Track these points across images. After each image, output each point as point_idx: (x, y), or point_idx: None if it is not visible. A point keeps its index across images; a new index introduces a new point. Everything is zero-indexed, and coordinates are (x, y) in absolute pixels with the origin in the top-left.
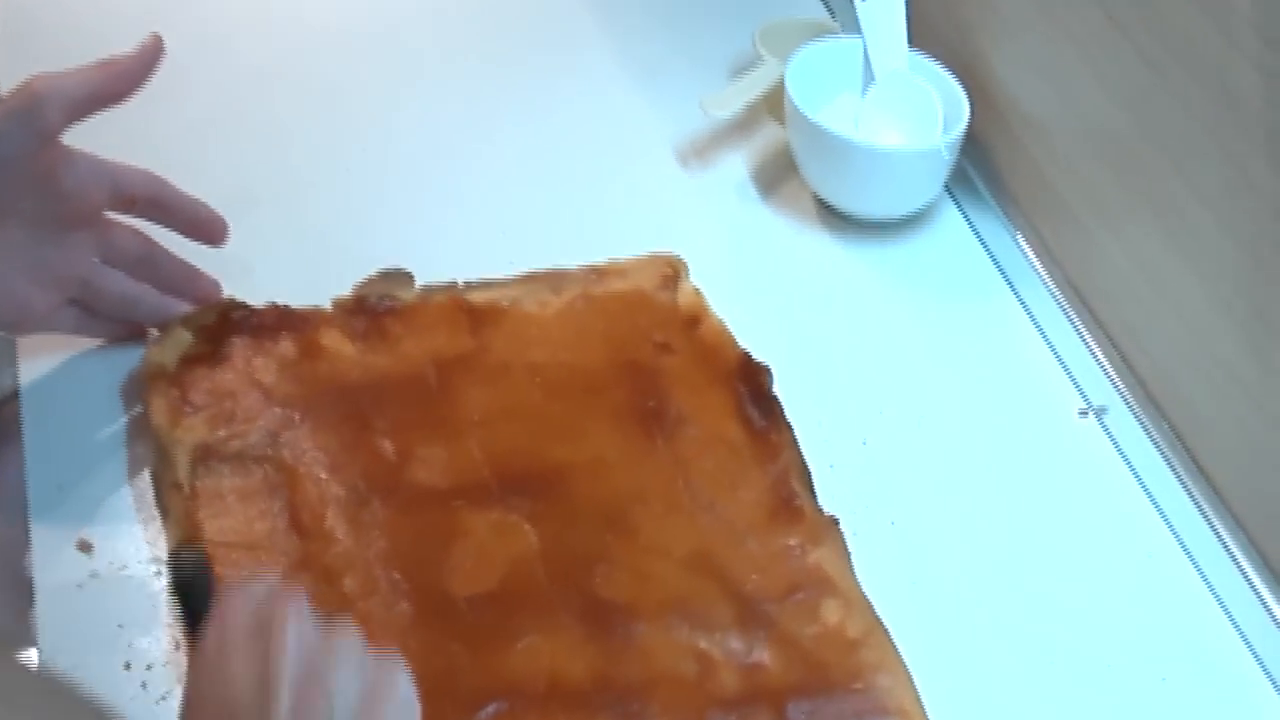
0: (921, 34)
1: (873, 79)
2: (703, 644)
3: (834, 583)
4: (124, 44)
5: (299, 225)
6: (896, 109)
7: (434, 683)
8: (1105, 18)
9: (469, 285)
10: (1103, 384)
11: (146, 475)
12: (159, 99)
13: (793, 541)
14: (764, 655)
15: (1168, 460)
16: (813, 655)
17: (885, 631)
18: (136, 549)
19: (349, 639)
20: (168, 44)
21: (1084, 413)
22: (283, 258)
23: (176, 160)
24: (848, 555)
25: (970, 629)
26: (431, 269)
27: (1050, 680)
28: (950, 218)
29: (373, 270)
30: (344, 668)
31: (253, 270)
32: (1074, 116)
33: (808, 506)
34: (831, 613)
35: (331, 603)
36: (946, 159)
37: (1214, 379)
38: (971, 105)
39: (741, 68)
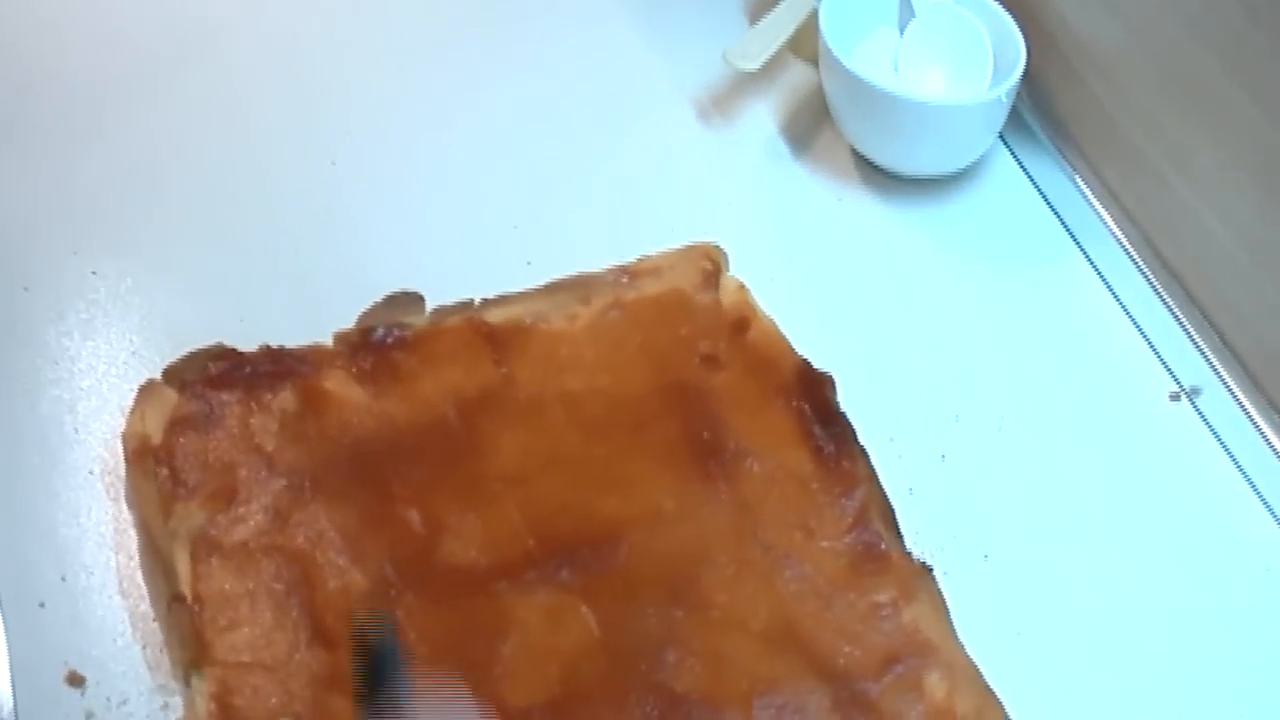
0: None
1: (912, 14)
2: None
3: (934, 647)
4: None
5: (286, 248)
6: (940, 47)
7: None
8: None
9: (486, 303)
10: (1194, 360)
11: (139, 579)
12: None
13: (883, 598)
14: None
15: (1270, 443)
16: None
17: (999, 705)
18: (137, 678)
19: None
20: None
21: (1176, 396)
22: (272, 290)
23: (143, 185)
24: (945, 609)
25: (1088, 685)
26: (442, 285)
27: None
28: (1007, 170)
29: (377, 295)
30: None
31: (240, 307)
32: (1146, 50)
33: (895, 552)
34: (936, 686)
35: None
36: (1003, 106)
37: None
38: (1027, 42)
39: (756, 5)
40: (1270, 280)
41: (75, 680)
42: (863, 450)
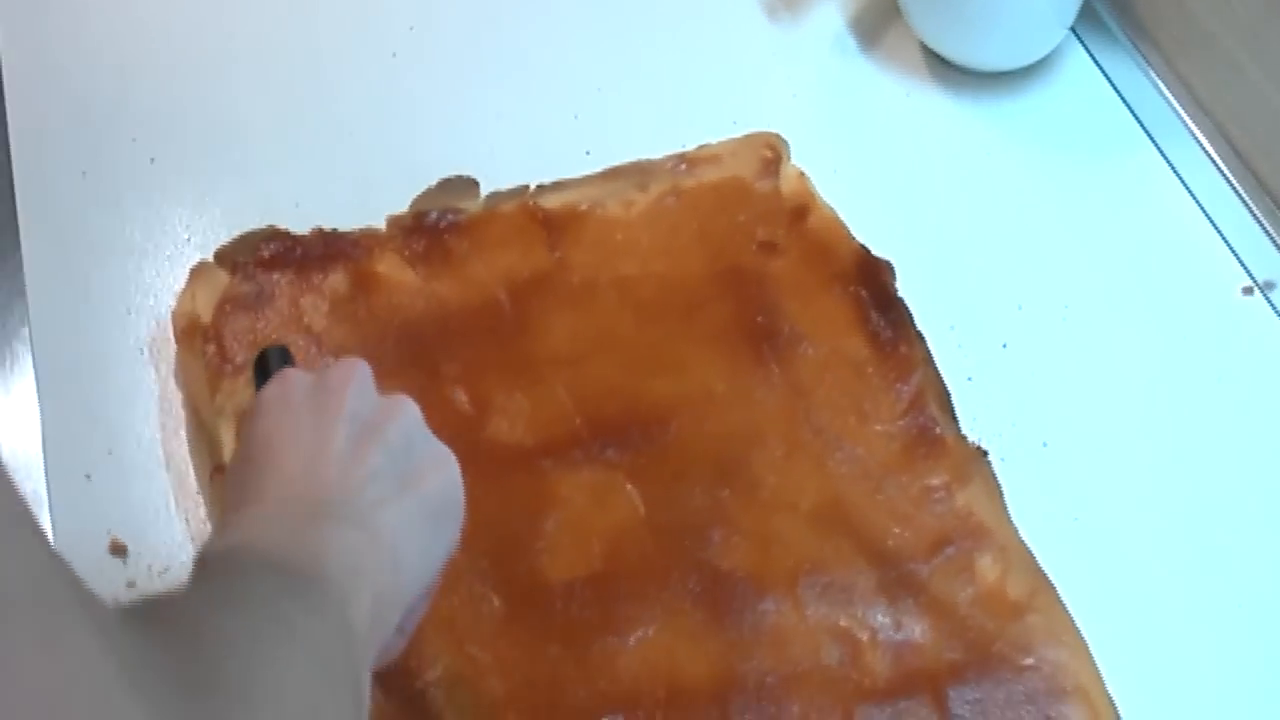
0: None
1: None
2: (843, 621)
3: (988, 530)
4: None
5: (343, 135)
6: None
7: (538, 696)
8: None
9: (541, 189)
10: (1270, 254)
11: (185, 453)
12: (186, 9)
13: (935, 481)
14: (916, 629)
15: None
16: (972, 625)
17: (1052, 588)
18: (179, 548)
19: (409, 408)
20: None
21: (1249, 290)
22: (327, 174)
23: (203, 76)
24: (1000, 493)
25: (1146, 573)
26: (498, 173)
27: (1241, 628)
28: (1078, 64)
29: (431, 181)
30: (399, 429)
31: (294, 191)
32: None
33: (950, 435)
34: (988, 568)
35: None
36: None
37: None
38: None
39: None
40: None
41: (118, 549)
42: (920, 336)
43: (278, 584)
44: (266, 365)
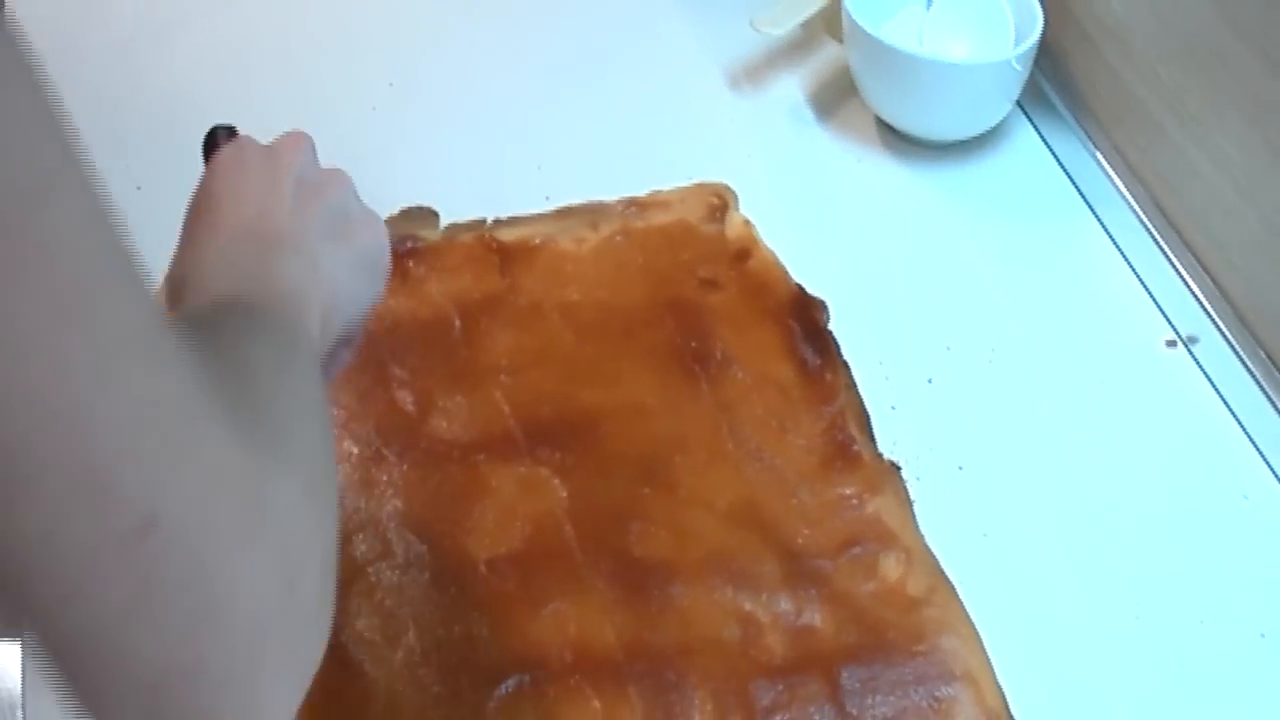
0: None
1: None
2: (747, 605)
3: (894, 535)
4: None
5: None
6: (964, 21)
7: (451, 654)
8: None
9: (498, 223)
10: (1192, 310)
11: None
12: (172, 31)
13: (849, 490)
14: (815, 616)
15: (1264, 390)
16: (870, 615)
17: (951, 588)
18: None
19: (346, 178)
20: None
21: (1172, 343)
22: None
23: (188, 97)
24: (909, 504)
25: (1046, 583)
26: (459, 206)
27: (1136, 638)
28: (1023, 136)
29: (395, 209)
30: (338, 191)
31: None
32: (1157, 18)
33: (866, 452)
34: (891, 568)
35: (342, 567)
36: (1019, 71)
37: None
38: (1045, 12)
39: None
40: (1266, 228)
41: None
42: (845, 365)
43: (264, 325)
44: (215, 142)
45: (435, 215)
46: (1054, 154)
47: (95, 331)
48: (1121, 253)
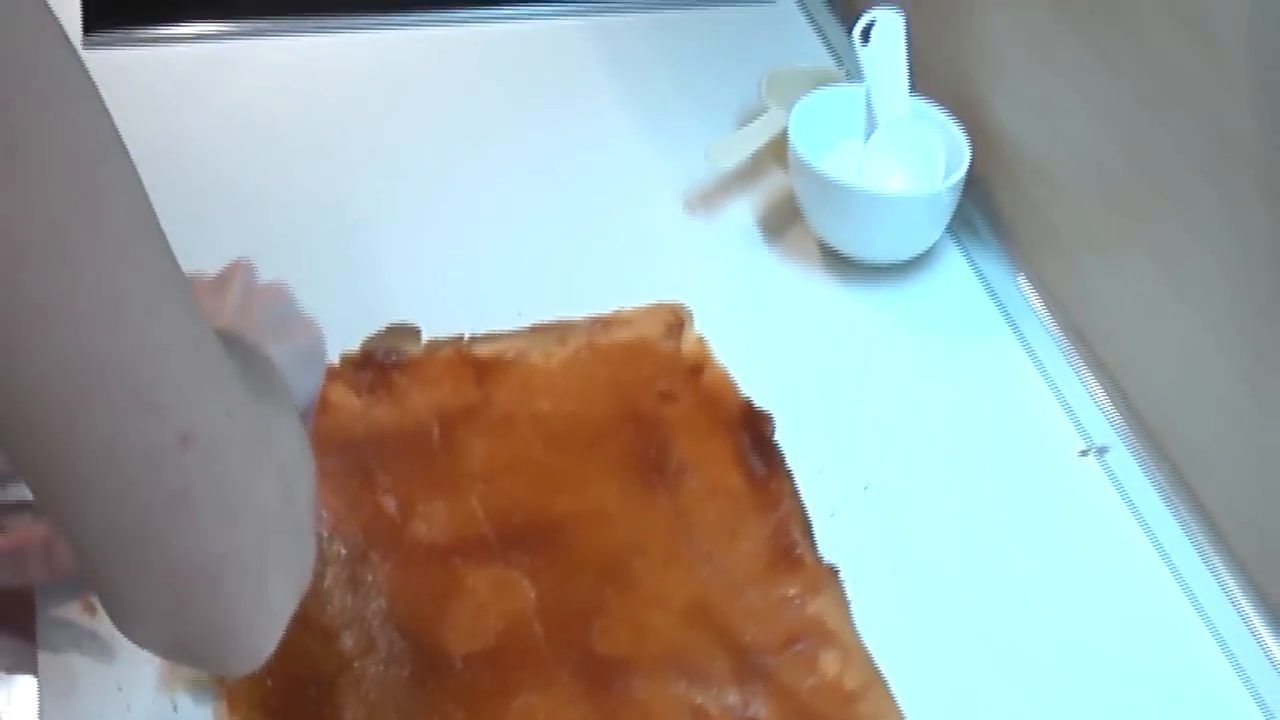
0: (923, 79)
1: (876, 125)
2: (699, 699)
3: (833, 633)
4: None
5: (307, 281)
6: (899, 154)
7: None
8: (1101, 59)
9: (474, 338)
10: (1103, 423)
11: None
12: (161, 157)
13: (792, 591)
14: (760, 709)
15: (1168, 500)
16: (810, 708)
17: (884, 682)
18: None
19: (285, 291)
20: (176, 106)
21: (1085, 452)
22: None
23: (183, 220)
24: (847, 605)
25: (971, 679)
26: (439, 323)
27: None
28: (953, 260)
29: (380, 326)
30: (277, 299)
31: None
32: (1072, 157)
33: (807, 556)
34: (830, 664)
35: (329, 661)
36: (948, 202)
37: (1213, 418)
38: (972, 148)
39: (748, 116)
40: (1170, 349)
41: (87, 608)
42: (790, 474)
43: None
44: None
45: (417, 331)
46: (980, 277)
47: (145, 269)
48: (1040, 368)
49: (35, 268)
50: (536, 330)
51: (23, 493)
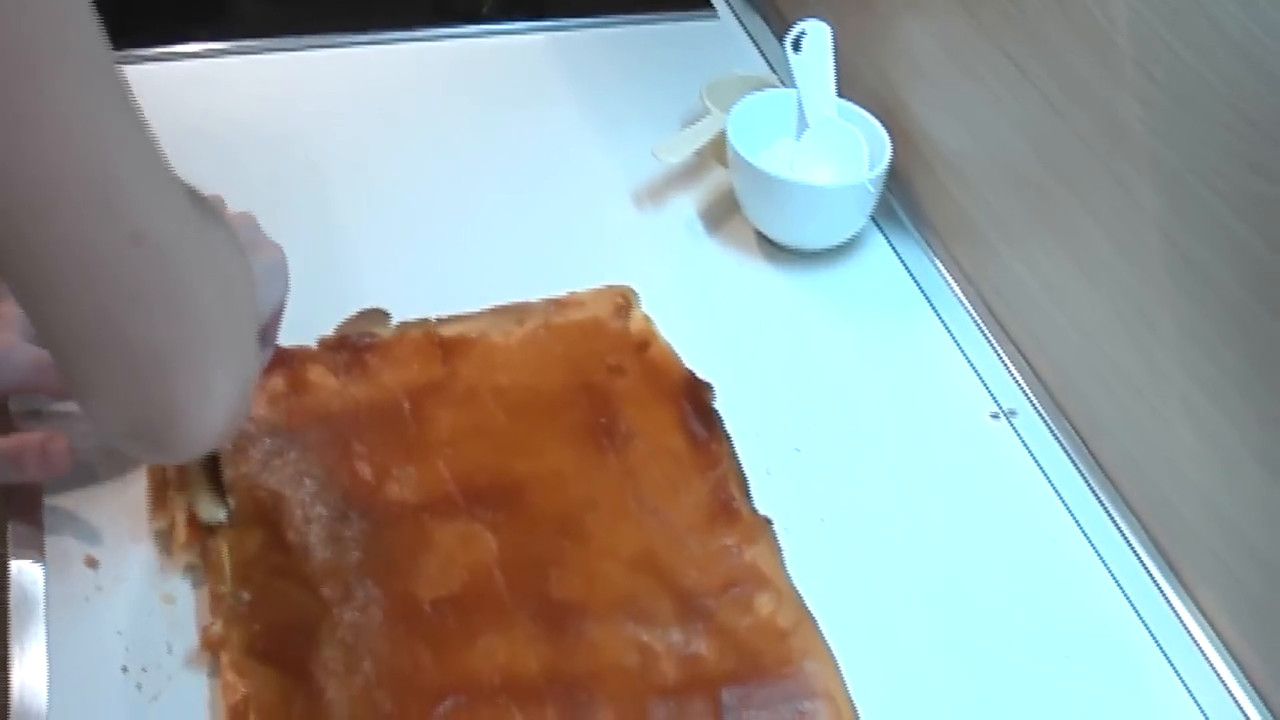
0: (849, 83)
1: (806, 125)
2: (645, 637)
3: (767, 577)
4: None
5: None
6: (828, 151)
7: (399, 679)
8: (1010, 63)
9: (441, 320)
10: (1012, 389)
11: (143, 503)
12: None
13: (729, 541)
14: (701, 646)
15: (1070, 456)
16: (746, 644)
17: (813, 621)
18: (135, 565)
19: (252, 217)
20: (172, 116)
21: (996, 415)
22: None
23: None
24: (780, 552)
25: (892, 616)
26: (408, 308)
27: (964, 660)
28: (877, 246)
29: (354, 311)
30: (247, 224)
31: None
32: (984, 152)
33: (744, 509)
34: (764, 605)
35: (311, 609)
36: (871, 193)
37: (1108, 381)
38: (894, 145)
39: (691, 118)
40: (1069, 320)
41: (91, 562)
42: (728, 437)
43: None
44: None
45: (387, 315)
46: (902, 261)
47: (106, 93)
48: (956, 342)
49: (8, 84)
50: (497, 312)
51: (37, 403)
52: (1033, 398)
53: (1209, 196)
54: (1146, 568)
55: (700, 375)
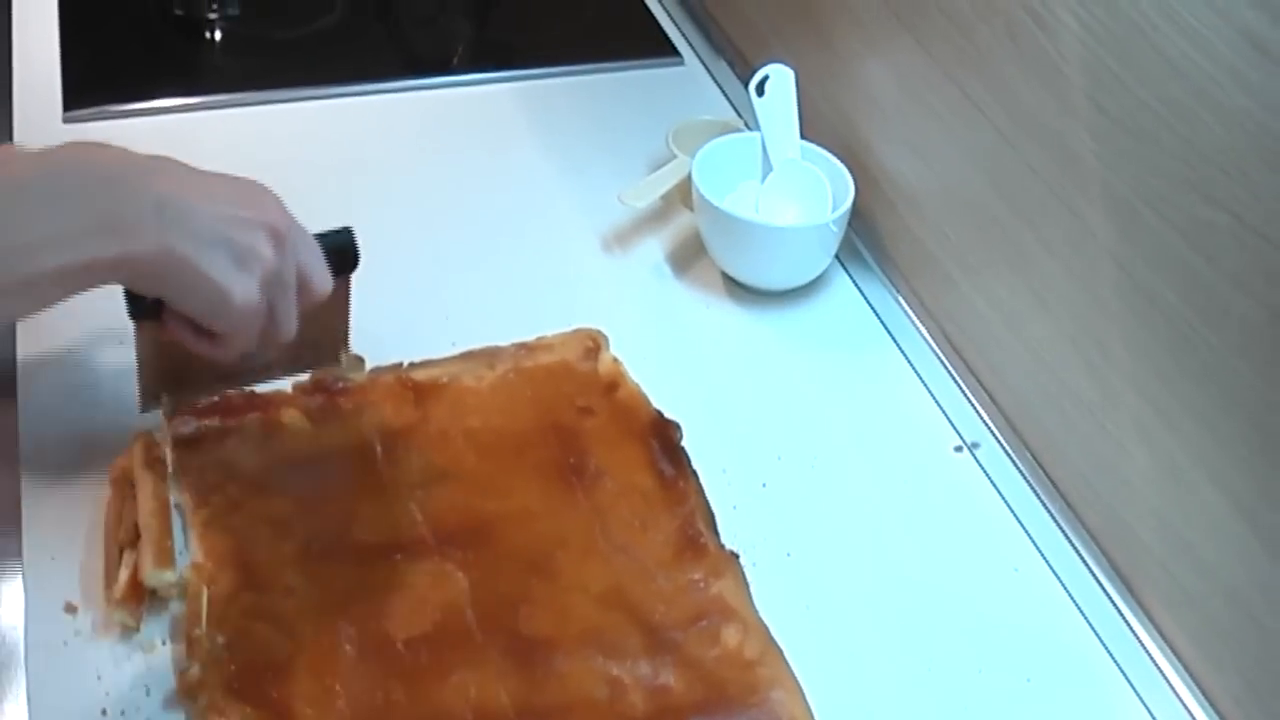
0: (811, 123)
1: (771, 167)
2: (614, 670)
3: (734, 610)
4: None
5: None
6: (792, 192)
7: (374, 716)
8: (965, 98)
9: (413, 365)
10: (975, 422)
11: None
12: None
13: (697, 575)
14: (670, 677)
15: (1030, 484)
16: (714, 675)
17: (779, 651)
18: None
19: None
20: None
21: (959, 448)
22: None
23: None
24: (746, 585)
25: (857, 646)
26: (381, 353)
27: (929, 687)
28: (841, 284)
29: None
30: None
31: None
32: (942, 187)
33: (711, 544)
34: (731, 637)
35: (285, 647)
36: (835, 232)
37: (1064, 407)
38: (856, 184)
39: (657, 163)
40: (1026, 349)
41: (70, 609)
42: (695, 474)
43: None
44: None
45: (362, 360)
46: (865, 298)
47: None
48: (919, 376)
49: None
50: (468, 356)
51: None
52: (994, 429)
53: (1158, 224)
54: (1106, 591)
55: (668, 415)
